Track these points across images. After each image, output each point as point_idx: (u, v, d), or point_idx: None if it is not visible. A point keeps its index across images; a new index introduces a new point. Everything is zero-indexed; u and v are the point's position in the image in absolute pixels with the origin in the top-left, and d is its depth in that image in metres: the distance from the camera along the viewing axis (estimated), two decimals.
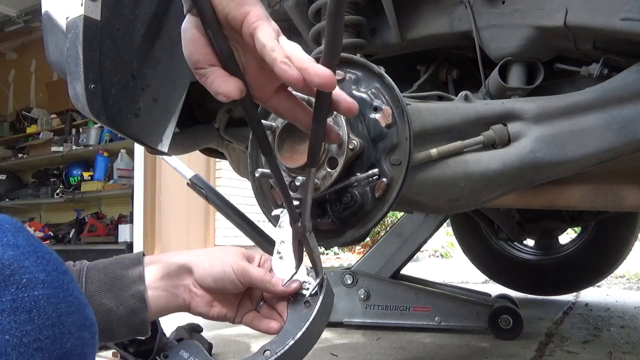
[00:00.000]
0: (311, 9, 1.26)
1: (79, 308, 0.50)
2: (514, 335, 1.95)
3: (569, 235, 3.31)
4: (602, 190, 1.45)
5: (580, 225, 2.91)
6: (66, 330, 0.47)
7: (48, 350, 0.46)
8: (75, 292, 0.50)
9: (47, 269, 0.49)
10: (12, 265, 0.46)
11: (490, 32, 1.15)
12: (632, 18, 0.96)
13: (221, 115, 1.88)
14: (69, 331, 0.48)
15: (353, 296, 2.09)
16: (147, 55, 1.08)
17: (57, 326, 0.47)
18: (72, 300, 0.49)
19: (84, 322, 0.50)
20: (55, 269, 0.50)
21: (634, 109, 0.99)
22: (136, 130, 1.08)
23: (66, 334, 0.47)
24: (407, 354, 1.80)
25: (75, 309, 0.49)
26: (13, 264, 0.47)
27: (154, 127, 1.13)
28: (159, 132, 1.34)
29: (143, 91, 1.08)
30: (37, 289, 0.47)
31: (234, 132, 1.89)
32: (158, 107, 1.12)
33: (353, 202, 0.97)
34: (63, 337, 0.47)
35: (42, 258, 0.49)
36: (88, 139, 6.01)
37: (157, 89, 1.11)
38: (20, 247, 0.48)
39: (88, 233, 5.73)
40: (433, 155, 1.04)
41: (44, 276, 0.48)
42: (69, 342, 0.47)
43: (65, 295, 0.49)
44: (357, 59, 1.03)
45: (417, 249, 2.33)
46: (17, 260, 0.47)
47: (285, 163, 0.97)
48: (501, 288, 3.00)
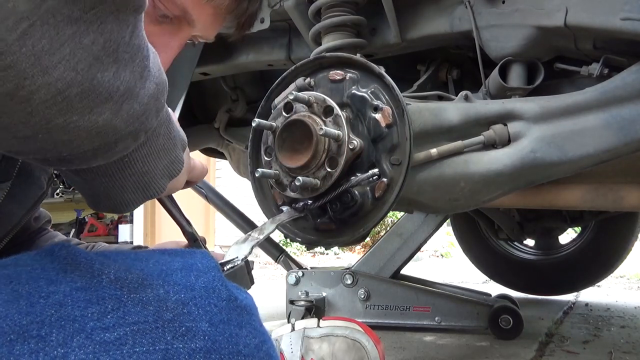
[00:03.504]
0: (311, 9, 1.26)
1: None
2: (514, 335, 1.95)
3: (569, 235, 3.31)
4: (602, 190, 1.45)
5: (580, 225, 2.91)
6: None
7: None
8: (246, 349, 0.44)
9: (215, 319, 0.43)
10: (176, 309, 0.41)
11: (491, 32, 1.15)
12: (632, 18, 0.96)
13: (221, 115, 1.88)
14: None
15: (353, 296, 2.09)
16: None
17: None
18: (238, 358, 0.43)
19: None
20: (226, 320, 0.44)
21: (634, 109, 0.99)
22: None
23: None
24: (407, 354, 1.80)
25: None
26: (177, 308, 0.41)
27: None
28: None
29: None
30: (196, 340, 0.41)
31: (234, 132, 1.89)
32: None
33: (353, 202, 0.97)
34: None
35: (216, 305, 0.44)
36: None
37: None
38: (195, 290, 0.43)
39: (88, 233, 5.74)
40: (433, 155, 1.04)
41: (207, 327, 0.42)
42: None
43: (231, 352, 0.42)
44: (357, 59, 1.03)
45: (417, 249, 2.32)
46: (184, 304, 0.42)
47: (285, 163, 0.97)
48: (501, 288, 3.00)
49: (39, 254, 0.44)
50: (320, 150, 0.94)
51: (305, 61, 1.08)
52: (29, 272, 0.42)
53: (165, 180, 0.54)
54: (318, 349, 1.16)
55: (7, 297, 0.39)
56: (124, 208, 0.54)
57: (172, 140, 0.54)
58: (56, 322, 0.38)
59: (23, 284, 0.40)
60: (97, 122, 0.39)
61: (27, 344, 0.37)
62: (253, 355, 0.44)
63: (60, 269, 0.42)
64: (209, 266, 0.47)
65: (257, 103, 1.64)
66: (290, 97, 0.98)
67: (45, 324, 0.38)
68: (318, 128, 0.93)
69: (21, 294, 0.39)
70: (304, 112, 0.98)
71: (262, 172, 0.99)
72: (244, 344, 0.44)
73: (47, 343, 0.37)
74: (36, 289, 0.40)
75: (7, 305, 0.38)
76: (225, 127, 1.88)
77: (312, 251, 6.29)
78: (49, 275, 0.41)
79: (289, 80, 1.09)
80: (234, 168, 2.20)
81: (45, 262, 0.43)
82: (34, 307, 0.38)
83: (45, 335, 0.37)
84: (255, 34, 1.45)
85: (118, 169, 0.49)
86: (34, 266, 0.42)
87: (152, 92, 0.43)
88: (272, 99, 1.08)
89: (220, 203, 2.26)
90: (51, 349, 0.37)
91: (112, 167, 0.48)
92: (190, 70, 1.47)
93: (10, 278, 0.40)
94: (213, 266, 0.47)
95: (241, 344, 0.44)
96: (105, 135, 0.41)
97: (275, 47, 1.52)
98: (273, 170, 1.01)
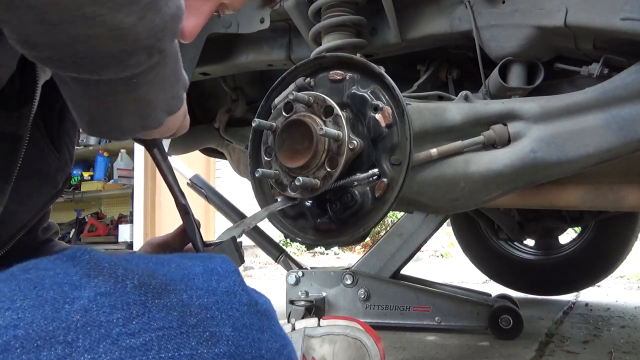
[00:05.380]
0: (311, 9, 1.26)
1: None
2: (514, 335, 1.95)
3: (569, 235, 3.31)
4: (602, 190, 1.45)
5: (581, 225, 2.91)
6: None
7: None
8: (268, 354, 0.44)
9: (238, 324, 0.43)
10: (200, 314, 0.42)
11: (491, 32, 1.15)
12: (632, 18, 0.96)
13: (221, 115, 1.88)
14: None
15: (353, 296, 2.09)
16: None
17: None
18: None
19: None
20: (248, 324, 0.44)
21: (634, 109, 0.99)
22: None
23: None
24: (407, 354, 1.80)
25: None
26: (201, 313, 0.42)
27: None
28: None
29: None
30: (220, 345, 0.41)
31: (234, 132, 1.89)
32: None
33: (353, 202, 0.97)
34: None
35: (238, 310, 0.44)
36: (88, 139, 6.00)
37: None
38: (217, 295, 0.43)
39: (88, 233, 5.73)
40: (433, 155, 1.04)
41: (231, 331, 0.42)
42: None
43: (254, 356, 0.43)
44: (358, 59, 1.03)
45: (417, 249, 2.32)
46: (207, 309, 0.42)
47: (285, 163, 0.97)
48: (501, 288, 3.00)
49: (60, 259, 0.44)
50: (320, 150, 0.94)
51: (305, 61, 1.08)
52: (52, 277, 0.41)
53: (164, 115, 0.55)
54: (319, 348, 1.16)
55: (32, 302, 0.39)
56: (119, 134, 0.54)
57: (177, 77, 0.55)
58: (82, 328, 0.38)
59: (47, 289, 0.40)
60: (122, 23, 0.41)
61: (54, 350, 0.37)
62: (275, 359, 0.45)
63: (84, 273, 0.42)
64: (229, 270, 0.47)
65: (257, 103, 1.64)
66: (290, 97, 0.98)
67: (72, 330, 0.38)
68: (318, 128, 0.93)
69: (46, 299, 0.39)
70: (304, 112, 0.98)
71: (262, 172, 0.99)
72: (266, 349, 0.44)
73: (74, 349, 0.37)
74: (60, 294, 0.40)
75: (32, 310, 0.38)
76: (225, 127, 1.88)
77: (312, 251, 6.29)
78: (72, 280, 0.41)
79: (289, 80, 1.09)
80: (234, 168, 2.20)
81: (67, 266, 0.43)
82: (59, 313, 0.38)
83: (72, 341, 0.37)
84: (255, 34, 1.45)
85: (123, 91, 0.50)
86: (56, 270, 0.42)
87: (174, 13, 0.45)
88: (272, 99, 1.08)
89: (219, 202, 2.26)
90: (78, 355, 0.37)
91: (118, 86, 0.49)
92: (190, 70, 1.47)
93: (33, 283, 0.40)
94: (233, 270, 0.48)
95: (263, 349, 0.44)
96: (126, 41, 0.42)
97: (275, 47, 1.52)
98: (273, 170, 1.01)
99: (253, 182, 1.12)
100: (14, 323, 0.37)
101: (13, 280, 0.41)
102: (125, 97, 0.50)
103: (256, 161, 1.09)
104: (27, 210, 0.72)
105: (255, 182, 1.11)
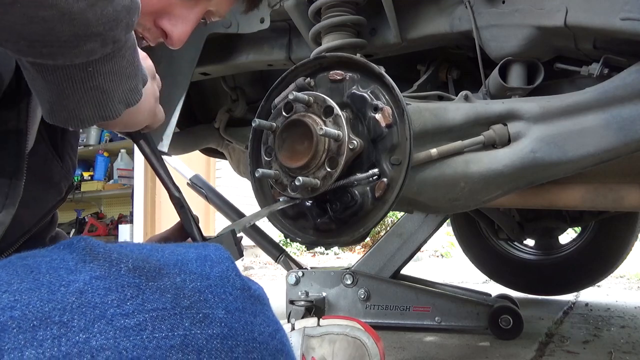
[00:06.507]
0: (311, 9, 1.26)
1: (262, 354, 0.44)
2: (514, 335, 1.95)
3: (569, 235, 3.31)
4: (602, 190, 1.45)
5: (580, 225, 2.91)
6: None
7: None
8: (261, 337, 0.45)
9: (231, 307, 0.44)
10: (193, 297, 0.43)
11: (491, 32, 1.15)
12: (632, 18, 0.96)
13: (221, 115, 1.88)
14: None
15: (353, 296, 2.09)
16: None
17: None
18: (253, 345, 0.44)
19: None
20: (241, 308, 0.45)
21: (634, 109, 0.99)
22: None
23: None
24: (407, 354, 1.80)
25: (258, 355, 0.44)
26: (194, 295, 0.43)
27: None
28: (159, 132, 1.34)
29: None
30: (213, 327, 0.42)
31: (234, 132, 1.89)
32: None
33: (353, 202, 0.97)
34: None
35: (231, 294, 0.45)
36: (88, 139, 6.01)
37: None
38: (211, 279, 0.44)
39: (88, 233, 5.73)
40: (433, 155, 1.04)
41: (224, 314, 0.43)
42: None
43: (246, 339, 0.43)
44: (358, 59, 1.03)
45: (417, 249, 2.32)
46: (200, 292, 0.43)
47: (285, 163, 0.97)
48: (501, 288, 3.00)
49: (57, 247, 0.45)
50: (320, 150, 0.94)
51: (306, 61, 1.08)
52: (49, 262, 0.43)
53: (121, 106, 0.56)
54: (319, 348, 1.16)
55: (29, 285, 0.40)
56: (78, 123, 0.55)
57: (135, 70, 0.56)
58: (77, 309, 0.39)
59: (44, 273, 0.41)
60: (73, 7, 0.42)
61: (49, 330, 0.38)
62: (267, 342, 0.45)
63: (80, 259, 0.43)
64: (223, 257, 0.48)
65: (257, 103, 1.64)
66: (291, 97, 0.98)
67: (67, 311, 0.39)
68: (318, 128, 0.93)
69: (42, 282, 0.40)
70: (304, 112, 0.99)
71: (262, 172, 0.99)
72: (259, 332, 0.45)
73: (69, 329, 0.38)
74: (56, 278, 0.41)
75: (29, 293, 0.39)
76: (225, 127, 1.88)
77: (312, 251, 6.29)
78: (68, 265, 0.43)
79: (289, 80, 1.09)
80: (234, 168, 2.20)
81: (64, 253, 0.44)
82: (55, 295, 0.40)
83: (67, 322, 0.39)
84: (255, 34, 1.45)
85: (79, 79, 0.51)
86: (52, 257, 0.44)
87: (126, 4, 0.47)
88: (272, 99, 1.08)
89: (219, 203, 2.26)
90: (73, 335, 0.38)
91: (75, 74, 0.50)
92: (190, 70, 1.47)
93: (30, 268, 0.42)
94: (226, 257, 0.49)
95: (256, 332, 0.45)
96: (77, 25, 0.44)
97: (275, 47, 1.52)
98: (273, 170, 1.01)
99: (253, 182, 1.12)
100: (11, 305, 0.38)
101: (11, 266, 0.42)
102: (81, 85, 0.51)
103: (256, 161, 1.09)
104: (32, 214, 0.72)
105: (255, 182, 1.11)
